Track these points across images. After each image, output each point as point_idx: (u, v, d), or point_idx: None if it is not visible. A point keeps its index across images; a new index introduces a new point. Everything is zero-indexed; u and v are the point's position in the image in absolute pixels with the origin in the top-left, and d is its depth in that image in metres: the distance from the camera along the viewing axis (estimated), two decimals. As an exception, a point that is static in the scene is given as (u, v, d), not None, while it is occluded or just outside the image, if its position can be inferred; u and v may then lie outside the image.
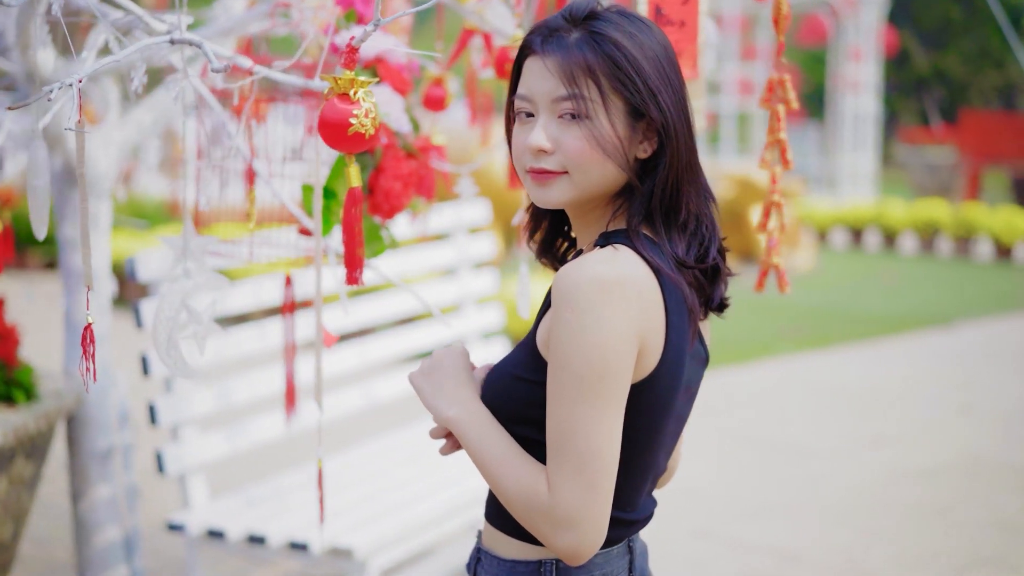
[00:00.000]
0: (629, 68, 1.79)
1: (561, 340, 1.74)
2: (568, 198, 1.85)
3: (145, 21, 2.16)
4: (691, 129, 1.87)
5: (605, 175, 1.83)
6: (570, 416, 1.73)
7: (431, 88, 2.93)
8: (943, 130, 24.66)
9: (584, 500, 1.74)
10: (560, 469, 1.74)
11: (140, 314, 3.43)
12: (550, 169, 1.84)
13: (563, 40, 1.83)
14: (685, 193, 1.84)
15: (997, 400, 7.42)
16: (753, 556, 4.79)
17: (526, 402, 1.84)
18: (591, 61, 1.80)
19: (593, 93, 1.79)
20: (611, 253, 1.77)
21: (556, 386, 1.75)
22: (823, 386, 7.72)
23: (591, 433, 1.73)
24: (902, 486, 5.68)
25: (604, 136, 1.80)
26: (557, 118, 1.82)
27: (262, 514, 3.57)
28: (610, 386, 1.74)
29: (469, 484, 3.86)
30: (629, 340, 1.74)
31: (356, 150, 1.90)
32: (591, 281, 1.72)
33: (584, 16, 1.84)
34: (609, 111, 1.80)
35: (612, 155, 1.81)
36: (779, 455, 6.11)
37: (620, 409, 1.76)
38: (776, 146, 2.31)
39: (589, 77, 1.79)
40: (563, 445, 1.74)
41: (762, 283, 2.35)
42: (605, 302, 1.72)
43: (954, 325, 9.95)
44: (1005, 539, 4.95)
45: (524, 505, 1.78)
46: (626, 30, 1.82)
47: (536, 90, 1.84)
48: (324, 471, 3.93)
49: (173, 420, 3.52)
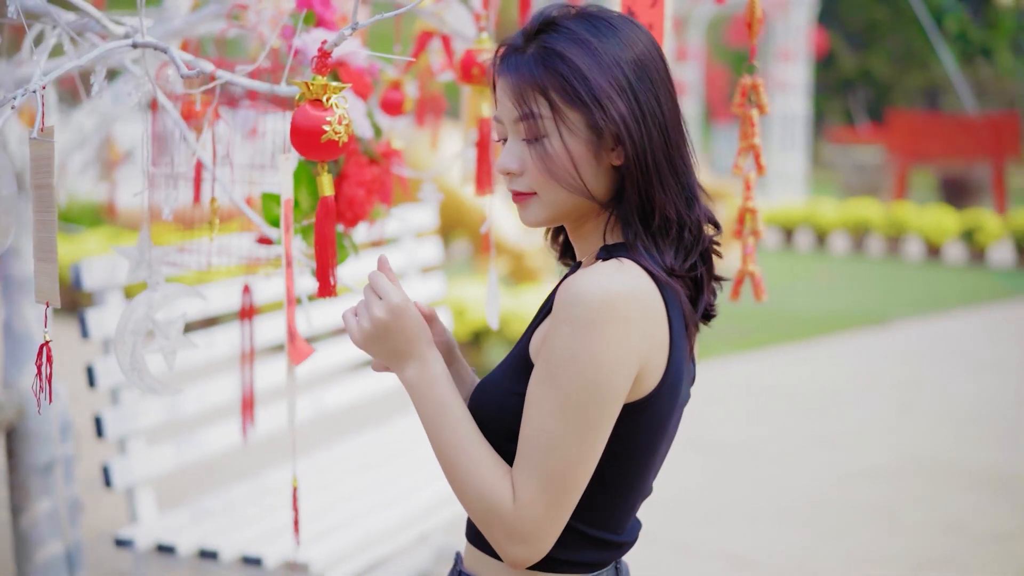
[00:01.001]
0: (574, 79, 1.73)
1: (554, 352, 1.68)
2: (544, 217, 1.81)
3: (103, 24, 2.07)
4: (665, 131, 1.78)
5: (580, 189, 1.77)
6: (550, 431, 1.68)
7: (389, 92, 2.87)
8: (870, 130, 24.93)
9: (547, 518, 1.70)
10: (529, 483, 1.69)
11: (86, 324, 3.33)
12: (520, 191, 1.81)
13: (517, 59, 1.78)
14: (658, 199, 1.76)
15: (937, 399, 7.48)
16: (705, 561, 4.77)
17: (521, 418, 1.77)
18: (539, 77, 1.75)
19: (545, 110, 1.75)
20: (616, 266, 1.71)
21: (540, 396, 1.69)
22: (764, 388, 7.74)
23: (569, 454, 1.68)
24: (849, 487, 5.69)
25: (552, 157, 1.75)
26: (522, 139, 1.79)
27: (213, 528, 3.48)
28: (598, 411, 1.68)
29: (423, 495, 3.80)
30: (627, 364, 1.69)
31: (329, 158, 1.84)
32: (594, 295, 1.67)
33: (538, 28, 1.79)
34: (566, 126, 1.74)
35: (560, 177, 1.76)
36: (724, 458, 6.10)
37: (604, 434, 1.71)
38: (750, 151, 2.28)
39: (539, 94, 1.75)
40: (537, 459, 1.69)
41: (737, 291, 2.32)
42: (606, 319, 1.66)
43: (889, 324, 10.04)
44: (954, 540, 4.98)
45: (483, 508, 1.72)
46: (580, 38, 1.76)
47: (502, 112, 1.82)
48: (273, 483, 3.86)
49: (120, 432, 3.43)
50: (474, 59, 2.49)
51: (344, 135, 1.82)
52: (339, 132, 1.81)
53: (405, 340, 1.78)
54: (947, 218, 14.22)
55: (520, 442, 1.72)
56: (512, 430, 1.76)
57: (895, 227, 14.51)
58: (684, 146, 1.82)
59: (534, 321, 1.84)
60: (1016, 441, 6.50)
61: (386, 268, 1.80)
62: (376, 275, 1.79)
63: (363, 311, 1.78)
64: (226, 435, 3.77)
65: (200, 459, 3.71)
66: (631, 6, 2.26)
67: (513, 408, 1.77)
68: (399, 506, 3.72)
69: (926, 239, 14.26)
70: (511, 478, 1.72)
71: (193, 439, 3.67)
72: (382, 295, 1.77)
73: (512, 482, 1.71)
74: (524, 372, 1.77)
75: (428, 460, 4.13)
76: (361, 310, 1.79)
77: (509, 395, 1.78)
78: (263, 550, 3.32)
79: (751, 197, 2.29)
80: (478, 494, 1.72)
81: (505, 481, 1.71)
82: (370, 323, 1.77)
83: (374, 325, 1.77)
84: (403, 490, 3.85)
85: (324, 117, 1.80)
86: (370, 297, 1.78)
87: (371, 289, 1.78)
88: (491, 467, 1.73)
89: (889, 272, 13.28)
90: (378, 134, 2.56)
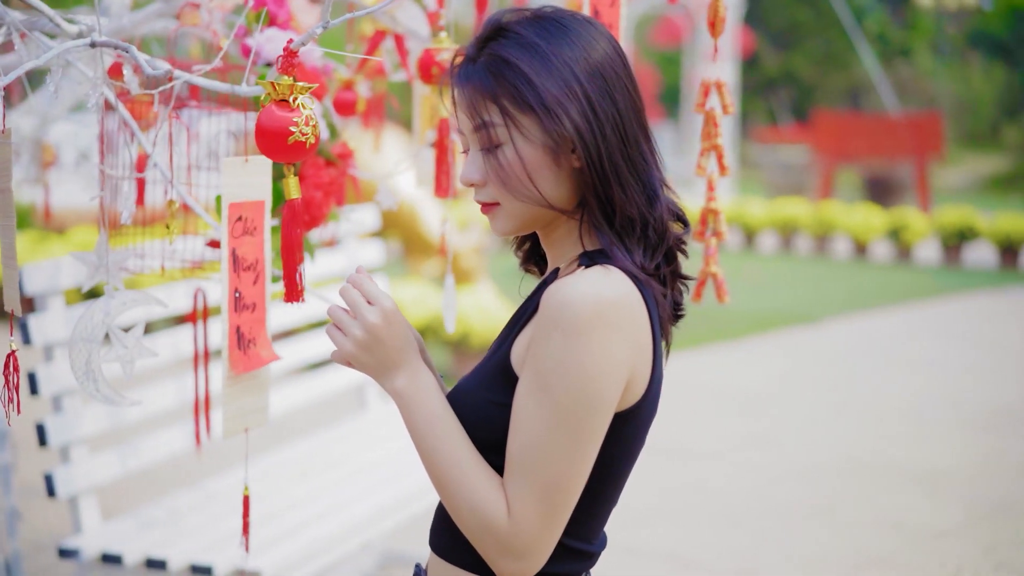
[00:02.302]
0: (523, 86, 1.70)
1: (544, 360, 1.64)
2: (511, 227, 1.79)
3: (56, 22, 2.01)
4: (622, 130, 1.74)
5: (542, 195, 1.74)
6: (544, 443, 1.64)
7: (342, 92, 2.82)
8: (794, 130, 25.19)
9: (543, 532, 1.67)
10: (523, 495, 1.65)
11: (28, 330, 3.25)
12: (485, 201, 1.78)
13: (468, 69, 1.76)
14: (618, 199, 1.73)
15: (869, 398, 7.56)
16: (646, 563, 4.77)
17: (505, 429, 1.72)
18: (489, 87, 1.72)
19: (498, 118, 1.72)
20: (603, 273, 1.68)
21: (530, 407, 1.65)
22: (696, 387, 7.77)
23: (564, 465, 1.65)
24: (785, 487, 5.72)
25: (505, 167, 1.73)
26: (481, 149, 1.76)
27: (160, 537, 3.42)
28: (590, 420, 1.65)
29: (371, 501, 3.76)
30: (618, 372, 1.66)
31: (296, 159, 1.80)
32: (585, 302, 1.63)
33: (488, 35, 1.76)
34: (521, 133, 1.71)
35: (513, 187, 1.73)
36: (660, 458, 6.10)
37: (597, 444, 1.68)
38: (712, 152, 2.27)
39: (491, 102, 1.72)
40: (531, 470, 1.65)
41: (700, 293, 2.31)
42: (597, 326, 1.63)
43: (820, 323, 10.13)
44: (891, 538, 5.02)
45: (476, 523, 1.68)
46: (529, 43, 1.72)
47: (461, 124, 1.79)
48: (219, 490, 3.80)
49: (63, 440, 3.35)
50: (433, 58, 2.46)
51: (311, 136, 1.78)
52: (306, 133, 1.78)
53: (396, 349, 1.73)
54: (874, 217, 14.39)
55: (510, 455, 1.68)
56: (492, 441, 1.73)
57: (823, 226, 14.66)
58: (646, 142, 1.78)
59: (511, 328, 1.80)
60: (949, 439, 6.58)
61: (366, 276, 1.75)
62: (362, 280, 1.74)
63: (351, 321, 1.72)
64: (171, 442, 3.70)
65: (144, 466, 3.64)
66: (596, 6, 2.25)
67: (494, 418, 1.73)
68: (347, 512, 3.68)
69: (853, 238, 14.43)
70: (504, 492, 1.68)
71: (137, 446, 3.60)
72: (373, 300, 1.72)
73: (505, 496, 1.67)
74: (505, 381, 1.73)
75: (371, 466, 4.09)
76: (348, 321, 1.72)
77: (489, 405, 1.74)
78: (212, 558, 3.26)
79: (714, 198, 2.28)
80: (472, 509, 1.68)
81: (499, 495, 1.67)
82: (364, 331, 1.71)
83: (369, 332, 1.71)
84: (348, 497, 3.81)
85: (291, 118, 1.77)
86: (360, 304, 1.72)
87: (358, 296, 1.72)
88: (485, 481, 1.69)
89: (817, 270, 13.41)
90: (334, 135, 2.52)
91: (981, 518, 5.24)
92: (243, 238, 1.97)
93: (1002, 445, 6.45)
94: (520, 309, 1.82)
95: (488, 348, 1.86)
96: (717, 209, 2.29)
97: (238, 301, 1.96)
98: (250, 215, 2.04)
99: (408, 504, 3.86)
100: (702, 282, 2.31)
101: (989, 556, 4.79)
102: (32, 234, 9.64)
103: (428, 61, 2.46)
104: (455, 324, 2.38)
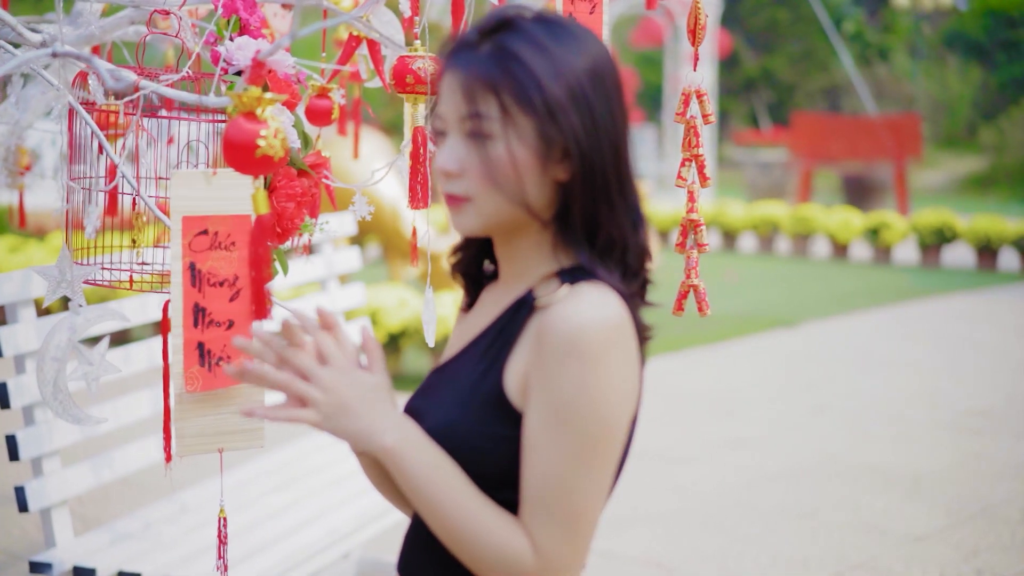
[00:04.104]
0: (528, 85, 1.62)
1: (562, 392, 1.58)
2: (478, 226, 1.68)
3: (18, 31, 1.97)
4: (617, 147, 1.67)
5: (520, 198, 1.65)
6: (567, 473, 1.59)
7: (315, 100, 2.77)
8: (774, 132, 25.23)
9: (573, 562, 1.62)
10: (549, 528, 1.59)
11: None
12: (457, 194, 1.67)
13: (470, 54, 1.66)
14: (604, 218, 1.67)
15: (848, 400, 7.54)
16: (626, 568, 4.73)
17: (503, 461, 1.65)
18: (492, 76, 1.63)
19: (494, 111, 1.63)
20: (598, 293, 1.62)
21: (549, 441, 1.59)
22: (676, 390, 7.75)
23: (589, 492, 1.60)
24: (765, 490, 5.70)
25: (494, 162, 1.64)
26: (464, 138, 1.67)
27: (133, 550, 3.36)
28: (609, 446, 1.61)
29: (351, 511, 3.72)
30: (632, 392, 1.63)
31: (263, 173, 1.75)
32: (597, 329, 1.58)
33: (495, 27, 1.67)
34: (515, 131, 1.63)
35: (500, 183, 1.64)
36: (639, 462, 6.07)
37: (615, 465, 1.64)
38: (693, 162, 2.23)
39: (491, 94, 1.63)
40: (555, 502, 1.59)
41: (680, 305, 2.27)
42: (610, 352, 1.59)
43: (800, 326, 10.12)
44: (872, 541, 5.00)
45: (502, 566, 1.60)
46: (539, 42, 1.64)
47: (446, 108, 1.68)
48: (192, 502, 3.75)
49: (35, 452, 3.29)
50: (408, 66, 2.41)
51: (280, 149, 1.72)
52: (274, 146, 1.72)
53: (370, 404, 1.61)
54: (853, 218, 14.42)
55: (528, 489, 1.61)
56: (490, 475, 1.65)
57: (802, 227, 14.68)
58: (633, 163, 1.71)
59: (490, 349, 1.71)
60: (929, 441, 6.57)
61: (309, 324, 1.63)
62: (319, 336, 1.62)
63: (310, 388, 1.59)
64: (145, 453, 3.65)
65: (117, 479, 3.59)
66: (572, 12, 2.20)
67: (490, 452, 1.65)
68: (322, 523, 3.63)
69: (832, 238, 14.45)
70: (522, 527, 1.62)
71: (111, 458, 3.54)
72: (328, 359, 1.61)
73: (526, 531, 1.61)
74: (501, 413, 1.66)
75: (347, 476, 4.05)
76: (306, 388, 1.59)
77: (483, 438, 1.66)
78: (186, 572, 3.21)
79: (695, 209, 2.24)
80: (497, 555, 1.60)
81: (518, 532, 1.61)
82: (325, 394, 1.59)
83: (333, 395, 1.59)
84: (327, 506, 3.76)
85: (258, 131, 1.71)
86: (313, 368, 1.60)
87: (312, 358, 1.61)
88: (500, 522, 1.61)
89: (797, 271, 13.42)
90: (307, 145, 2.47)
91: (962, 522, 5.22)
92: (210, 252, 1.92)
93: (982, 447, 6.44)
94: (495, 328, 1.73)
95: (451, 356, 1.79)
96: (698, 220, 2.25)
97: (201, 317, 1.90)
98: (225, 229, 1.99)
99: (388, 513, 3.82)
100: (683, 294, 2.27)
101: (970, 561, 4.78)
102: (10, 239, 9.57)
103: (403, 69, 2.42)
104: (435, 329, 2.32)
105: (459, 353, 1.78)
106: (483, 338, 1.74)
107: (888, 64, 30.55)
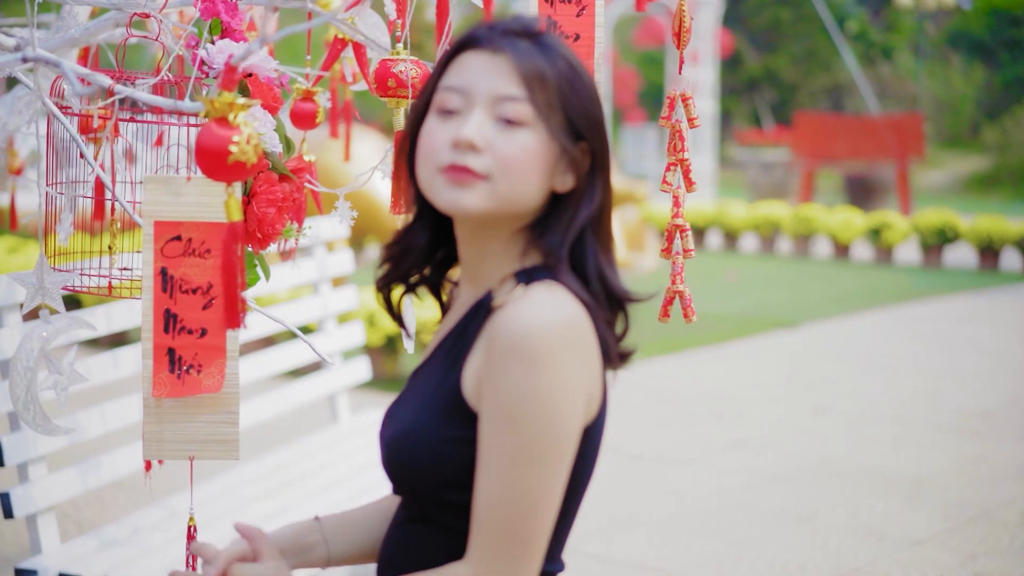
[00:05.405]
0: (582, 87, 1.68)
1: (508, 395, 1.57)
2: (485, 207, 1.67)
3: (-8, 35, 1.94)
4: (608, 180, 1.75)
5: (528, 193, 1.67)
6: (515, 480, 1.58)
7: (300, 103, 2.74)
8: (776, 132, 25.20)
9: (530, 568, 1.61)
10: (490, 540, 1.59)
11: (-20, 346, 3.17)
12: (474, 169, 1.66)
13: (527, 45, 1.69)
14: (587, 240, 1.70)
15: (849, 401, 7.51)
16: (622, 573, 4.70)
17: (464, 464, 1.64)
18: (546, 68, 1.67)
19: (542, 100, 1.66)
20: (548, 292, 1.61)
21: (498, 446, 1.58)
22: (676, 392, 7.71)
23: (537, 499, 1.59)
24: (764, 492, 5.66)
25: (527, 149, 1.65)
26: (494, 119, 1.66)
27: (121, 557, 3.34)
28: (561, 446, 1.60)
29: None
30: (582, 392, 1.61)
31: (236, 179, 1.72)
32: (541, 329, 1.57)
33: (533, 31, 1.71)
34: (546, 128, 1.66)
35: (524, 172, 1.66)
36: (636, 464, 6.04)
37: (568, 467, 1.63)
38: (678, 167, 2.20)
39: (543, 83, 1.66)
40: (499, 510, 1.59)
41: (667, 311, 2.24)
42: (557, 353, 1.57)
43: (801, 326, 10.08)
44: (871, 545, 4.96)
45: None
46: (572, 56, 1.72)
47: (477, 84, 1.68)
48: (181, 507, 3.72)
49: (20, 458, 3.26)
50: (389, 70, 2.38)
51: (252, 156, 1.69)
52: (247, 152, 1.69)
53: None
54: (854, 218, 14.39)
55: (479, 500, 1.60)
56: (451, 478, 1.65)
57: (804, 227, 14.64)
58: None
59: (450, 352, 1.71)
60: (929, 443, 6.53)
61: None
62: None
63: None
64: (132, 458, 3.62)
65: (105, 484, 3.56)
66: (552, 15, 2.17)
67: (450, 454, 1.65)
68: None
69: (834, 239, 14.41)
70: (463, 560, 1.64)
71: (97, 463, 3.51)
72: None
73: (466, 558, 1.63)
74: (459, 415, 1.66)
75: (337, 482, 4.02)
76: None
77: (443, 442, 1.66)
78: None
79: (680, 215, 2.21)
80: None
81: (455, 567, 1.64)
82: None
83: None
84: (310, 513, 3.73)
85: (230, 136, 1.68)
86: None
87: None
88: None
89: (798, 271, 13.38)
90: (289, 149, 2.44)
91: (961, 525, 5.19)
92: (183, 259, 1.89)
93: (983, 449, 6.40)
94: (456, 331, 1.73)
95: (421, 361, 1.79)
96: (684, 225, 2.22)
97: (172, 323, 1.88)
98: (199, 236, 1.97)
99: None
100: (669, 300, 2.24)
101: (968, 565, 4.74)
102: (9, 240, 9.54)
103: (385, 73, 2.38)
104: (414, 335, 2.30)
105: (428, 357, 1.79)
106: (446, 341, 1.75)
107: (891, 63, 30.51)
